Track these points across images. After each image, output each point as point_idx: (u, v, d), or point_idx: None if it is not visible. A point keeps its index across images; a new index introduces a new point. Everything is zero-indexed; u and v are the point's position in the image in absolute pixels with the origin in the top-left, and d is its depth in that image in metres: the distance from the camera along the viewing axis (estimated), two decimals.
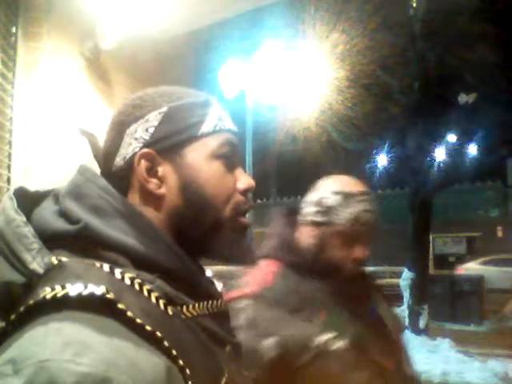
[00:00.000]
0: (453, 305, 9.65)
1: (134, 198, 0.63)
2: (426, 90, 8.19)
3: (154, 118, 0.63)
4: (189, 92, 0.68)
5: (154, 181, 0.62)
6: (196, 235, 0.64)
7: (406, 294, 8.18)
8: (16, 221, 0.55)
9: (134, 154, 0.62)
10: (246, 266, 1.17)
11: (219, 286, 0.72)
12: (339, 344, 1.09)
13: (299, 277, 1.15)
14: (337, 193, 1.16)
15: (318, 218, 1.17)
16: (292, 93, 8.59)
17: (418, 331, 7.86)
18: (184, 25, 2.94)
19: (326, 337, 1.09)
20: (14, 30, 2.10)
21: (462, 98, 8.50)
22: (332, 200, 1.16)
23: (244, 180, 0.68)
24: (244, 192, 0.67)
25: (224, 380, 0.59)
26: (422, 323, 7.98)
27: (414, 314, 8.03)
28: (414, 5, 8.30)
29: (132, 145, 0.62)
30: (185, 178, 0.63)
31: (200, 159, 0.64)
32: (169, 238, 0.61)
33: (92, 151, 0.68)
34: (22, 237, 0.54)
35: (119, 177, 0.63)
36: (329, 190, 1.18)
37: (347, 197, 1.15)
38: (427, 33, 8.04)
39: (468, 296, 9.57)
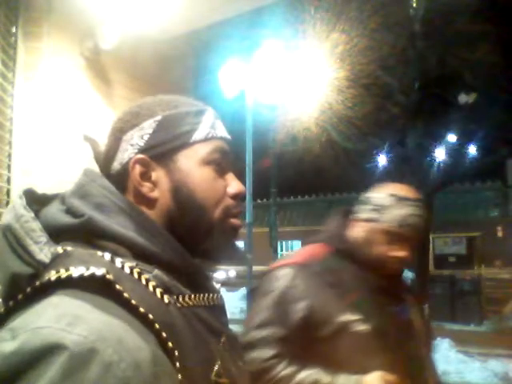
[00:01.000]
0: (453, 305, 9.66)
1: (131, 200, 0.67)
2: (426, 90, 8.19)
3: (148, 126, 0.67)
4: (185, 101, 0.72)
5: (148, 185, 0.66)
6: (187, 236, 0.67)
7: None
8: (25, 216, 0.59)
9: (129, 159, 0.66)
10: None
11: (217, 285, 0.75)
12: (361, 327, 1.20)
13: (343, 262, 1.30)
14: (391, 194, 1.29)
15: (370, 215, 1.29)
16: (292, 93, 8.58)
17: None
18: (184, 25, 2.94)
19: (351, 317, 1.21)
20: (13, 29, 2.10)
21: (462, 98, 8.49)
22: (385, 200, 1.28)
23: (234, 185, 0.72)
24: (234, 196, 0.71)
25: (216, 368, 0.61)
26: None
27: None
28: (414, 5, 8.30)
29: (128, 150, 0.67)
30: (176, 183, 0.67)
31: (191, 165, 0.68)
32: (167, 233, 0.65)
33: (93, 154, 0.72)
34: (30, 231, 0.58)
35: (116, 180, 0.67)
36: (384, 191, 1.31)
37: (399, 199, 1.27)
38: (427, 32, 8.04)
39: (468, 296, 9.58)
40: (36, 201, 0.65)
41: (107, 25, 2.37)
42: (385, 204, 1.28)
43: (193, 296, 0.63)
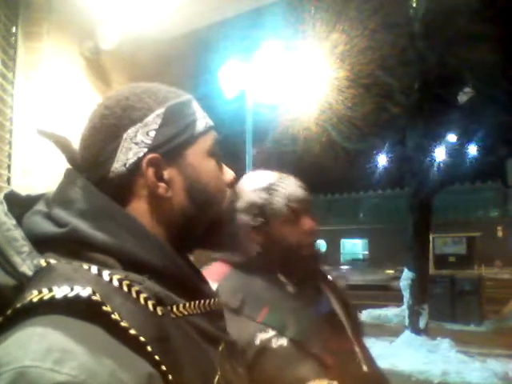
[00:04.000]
0: (453, 305, 9.65)
1: (140, 204, 0.62)
2: (426, 90, 8.18)
3: (152, 121, 0.62)
4: (170, 90, 0.68)
5: (162, 185, 0.62)
6: (200, 231, 0.66)
7: (406, 294, 8.18)
8: (6, 224, 0.55)
9: (138, 159, 0.61)
10: (236, 250, 1.18)
11: (214, 285, 0.72)
12: (280, 342, 1.09)
13: (245, 276, 1.15)
14: (260, 189, 1.18)
15: (258, 221, 1.17)
16: (292, 93, 8.58)
17: (417, 331, 7.86)
18: (184, 25, 2.94)
19: (267, 335, 1.08)
20: (14, 29, 2.10)
21: (462, 98, 8.49)
22: (260, 197, 1.17)
23: (228, 173, 0.72)
24: (230, 184, 0.71)
25: (217, 378, 0.59)
26: (422, 323, 7.98)
27: (414, 314, 8.02)
28: (414, 5, 8.30)
29: (132, 149, 0.61)
30: (189, 179, 0.64)
31: (199, 159, 0.66)
32: (158, 237, 0.61)
33: (65, 155, 0.65)
34: (12, 240, 0.54)
35: (118, 183, 0.61)
36: (250, 194, 1.18)
37: (271, 186, 1.18)
38: (427, 33, 8.03)
39: (468, 296, 9.57)
40: (19, 204, 0.61)
41: (107, 25, 2.37)
42: (260, 202, 1.17)
43: (187, 304, 0.60)
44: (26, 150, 2.07)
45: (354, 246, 25.94)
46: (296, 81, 8.44)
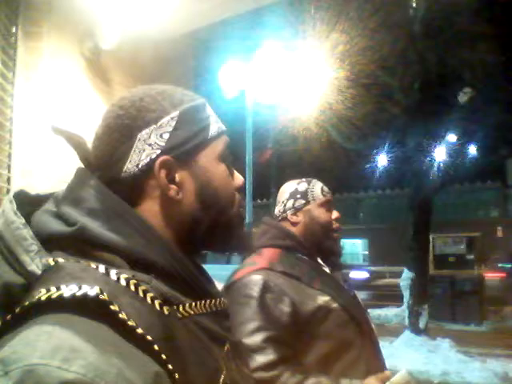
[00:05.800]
0: (453, 305, 9.65)
1: (150, 205, 0.63)
2: (426, 90, 8.17)
3: (166, 124, 0.63)
4: (185, 93, 0.69)
5: (174, 187, 0.63)
6: (208, 233, 0.66)
7: (406, 294, 8.17)
8: (15, 223, 0.56)
9: (151, 161, 0.61)
10: (246, 253, 1.41)
11: (219, 285, 0.73)
12: (334, 305, 1.35)
13: (294, 256, 1.45)
14: (300, 181, 1.54)
15: (300, 203, 1.50)
16: (292, 93, 8.58)
17: (417, 331, 7.85)
18: (184, 25, 2.95)
19: (325, 298, 1.35)
20: (13, 29, 2.10)
21: (462, 98, 8.48)
22: (301, 186, 1.52)
23: (237, 178, 0.73)
24: (238, 189, 0.72)
25: (222, 377, 0.60)
26: (422, 323, 7.97)
27: (414, 314, 8.02)
28: (414, 5, 8.29)
29: (146, 151, 0.62)
30: (201, 183, 0.65)
31: (211, 163, 0.66)
32: (166, 238, 0.62)
33: (78, 154, 0.66)
34: (21, 239, 0.55)
35: (130, 183, 0.62)
36: (292, 185, 1.54)
37: (309, 181, 1.54)
38: (427, 33, 8.02)
39: (468, 296, 9.57)
40: (28, 202, 0.61)
41: (107, 25, 2.37)
42: (303, 189, 1.52)
43: (193, 304, 0.61)
44: (26, 150, 2.07)
45: (354, 246, 25.93)
46: (296, 81, 8.44)
